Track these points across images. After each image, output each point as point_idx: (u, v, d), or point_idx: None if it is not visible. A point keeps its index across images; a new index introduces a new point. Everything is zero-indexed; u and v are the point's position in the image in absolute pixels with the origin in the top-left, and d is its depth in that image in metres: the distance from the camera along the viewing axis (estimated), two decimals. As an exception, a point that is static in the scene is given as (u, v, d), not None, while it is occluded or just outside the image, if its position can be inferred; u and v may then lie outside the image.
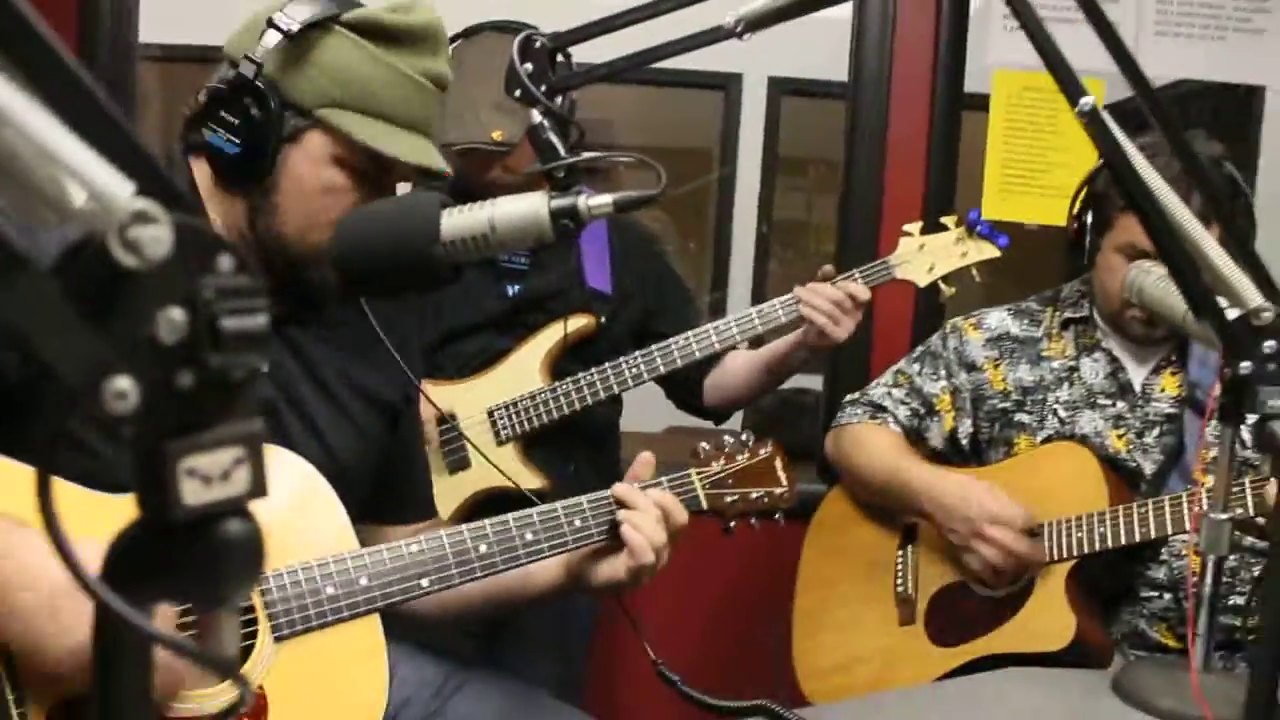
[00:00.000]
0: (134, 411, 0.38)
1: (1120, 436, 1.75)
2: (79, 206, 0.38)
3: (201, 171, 1.29)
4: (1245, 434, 1.15)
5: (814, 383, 2.96)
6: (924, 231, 2.02)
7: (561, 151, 1.15)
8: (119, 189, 0.37)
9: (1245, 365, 1.02)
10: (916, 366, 1.96)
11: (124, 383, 0.38)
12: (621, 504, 1.34)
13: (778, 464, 1.50)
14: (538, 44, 1.19)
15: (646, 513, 1.32)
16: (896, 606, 1.83)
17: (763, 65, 4.66)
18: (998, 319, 1.92)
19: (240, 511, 0.42)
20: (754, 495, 1.48)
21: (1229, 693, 1.23)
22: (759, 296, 4.61)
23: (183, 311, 0.39)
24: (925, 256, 2.00)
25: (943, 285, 2.00)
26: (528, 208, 1.11)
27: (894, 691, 1.64)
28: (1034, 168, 2.34)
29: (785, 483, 1.50)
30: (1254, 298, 1.01)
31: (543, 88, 1.17)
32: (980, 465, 1.88)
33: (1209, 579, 1.31)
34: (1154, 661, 1.56)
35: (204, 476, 0.40)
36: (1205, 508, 1.43)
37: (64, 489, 1.05)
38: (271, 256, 1.27)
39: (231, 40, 1.30)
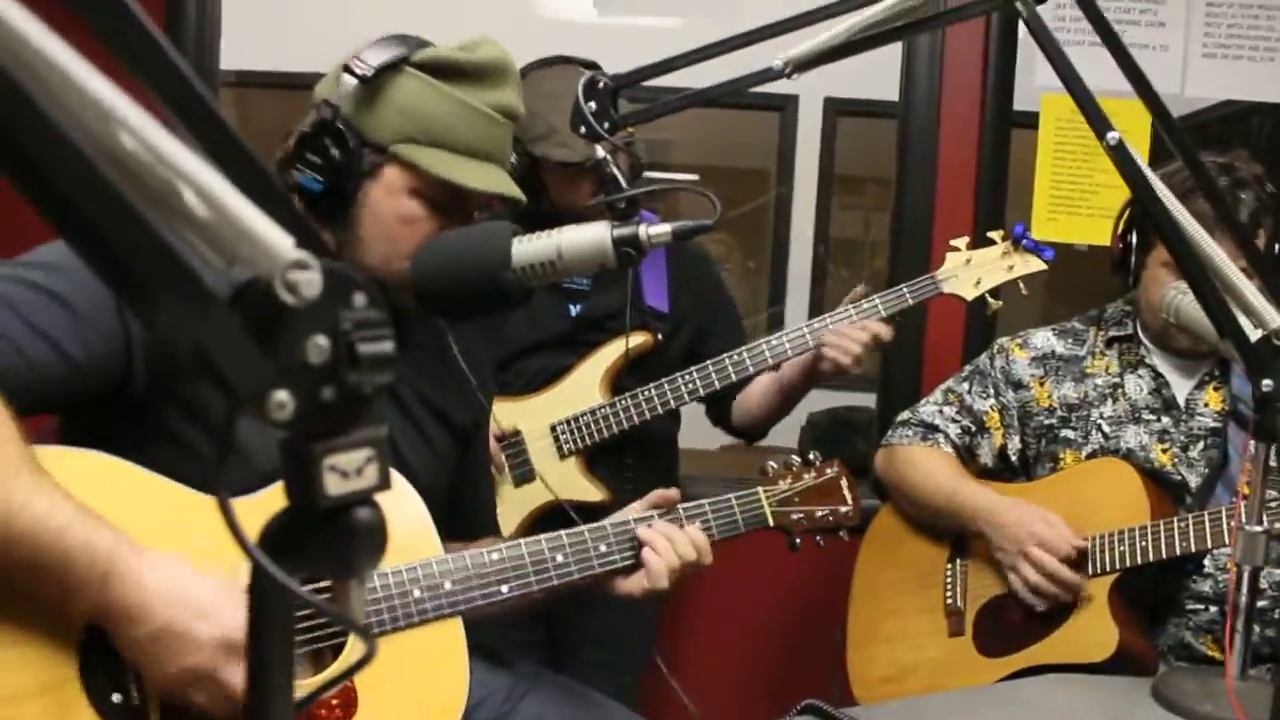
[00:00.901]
0: (290, 418, 0.48)
1: (1165, 451, 1.81)
2: (248, 254, 0.48)
3: None
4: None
5: (867, 400, 3.03)
6: (971, 246, 2.10)
7: (624, 184, 1.26)
8: (283, 242, 0.48)
9: (1267, 383, 1.09)
10: (966, 385, 2.03)
11: (283, 395, 0.48)
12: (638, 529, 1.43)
13: (843, 483, 1.57)
14: (600, 84, 1.29)
15: (658, 543, 1.41)
16: (946, 618, 1.90)
17: (818, 86, 4.74)
18: (1043, 339, 1.99)
19: (370, 501, 0.52)
20: (819, 513, 1.55)
21: (1265, 700, 1.30)
22: (816, 311, 4.69)
23: (327, 339, 0.49)
24: (972, 270, 2.07)
25: (989, 299, 2.07)
26: (593, 236, 1.22)
27: (939, 695, 1.71)
28: (1082, 189, 2.41)
29: (850, 501, 1.57)
30: (1275, 318, 1.08)
31: (605, 125, 1.28)
32: (1029, 480, 1.94)
33: (1245, 589, 1.37)
34: (1193, 670, 1.61)
35: (342, 472, 0.50)
36: (1242, 520, 1.49)
37: (171, 487, 1.17)
38: None
39: (318, 86, 1.42)
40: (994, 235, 2.09)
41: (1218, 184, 1.57)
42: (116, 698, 1.11)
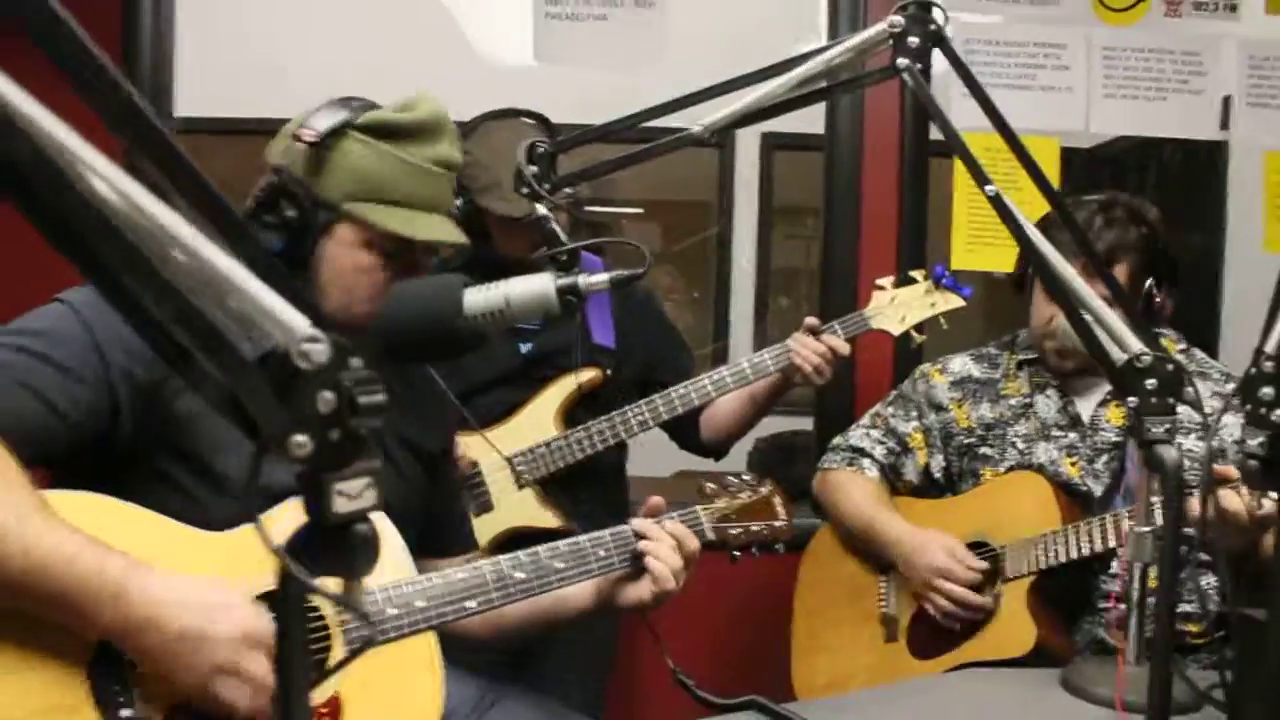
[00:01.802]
0: (308, 455, 0.64)
1: (1073, 464, 1.99)
2: (270, 329, 0.64)
3: None
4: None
5: (806, 424, 3.20)
6: (896, 285, 2.28)
7: (563, 238, 1.42)
8: (297, 320, 0.63)
9: (1132, 400, 1.26)
10: (891, 409, 2.21)
11: (302, 438, 0.63)
12: (641, 536, 1.58)
13: (776, 501, 1.74)
14: (540, 149, 1.46)
15: (663, 543, 1.57)
16: (882, 626, 2.08)
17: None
18: (960, 364, 2.17)
19: (367, 519, 0.67)
20: (755, 528, 1.71)
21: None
22: (760, 342, 4.87)
23: (332, 394, 0.65)
24: (897, 308, 2.25)
25: (914, 334, 2.26)
26: (538, 286, 1.38)
27: (870, 689, 1.88)
28: (997, 220, 2.60)
29: (784, 517, 1.73)
30: (1135, 344, 1.25)
31: (545, 185, 1.44)
32: (953, 495, 2.12)
33: (1136, 583, 1.55)
34: (1098, 659, 1.78)
35: (347, 495, 0.66)
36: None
37: (167, 523, 1.31)
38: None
39: (269, 149, 1.56)
40: (916, 274, 2.28)
41: (1085, 217, 1.78)
42: (126, 713, 1.24)
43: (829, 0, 2.68)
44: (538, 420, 2.35)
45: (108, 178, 0.58)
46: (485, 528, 2.25)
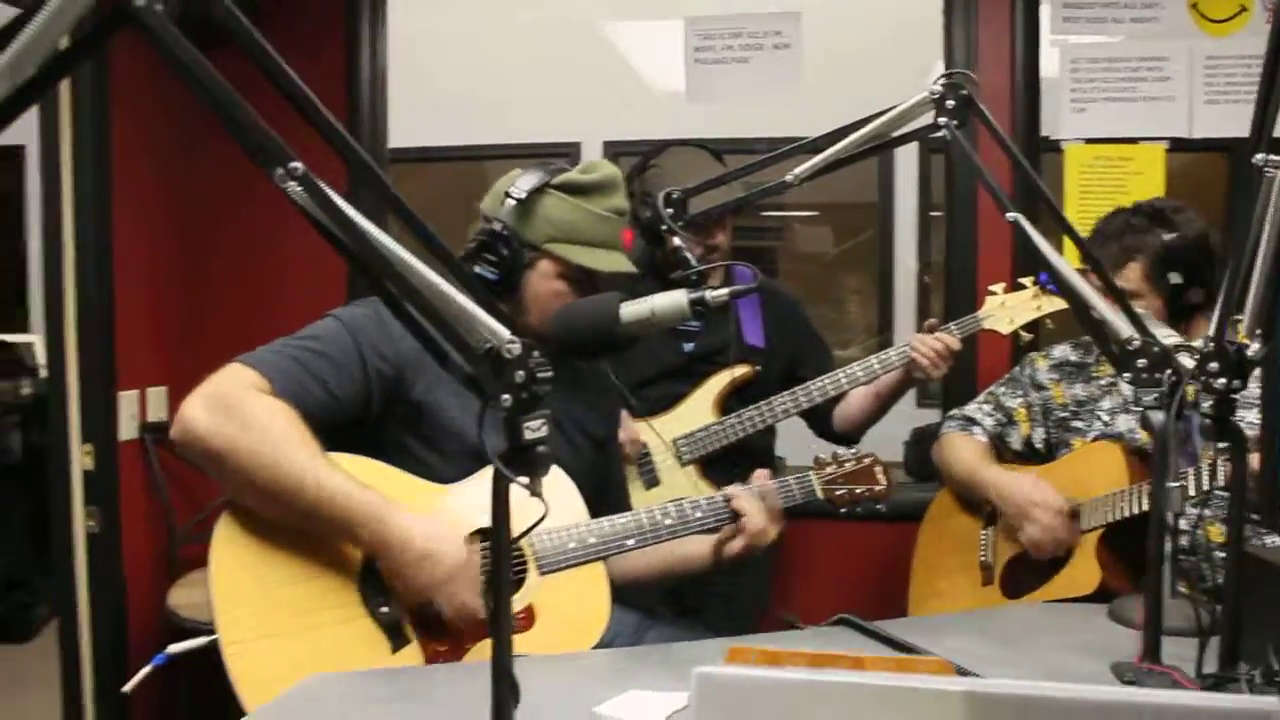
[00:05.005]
0: (510, 407, 1.17)
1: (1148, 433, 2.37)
2: (485, 335, 1.17)
3: None
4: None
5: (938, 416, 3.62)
6: (1006, 290, 2.71)
7: (693, 262, 1.94)
8: (502, 329, 1.16)
9: (1127, 376, 1.66)
10: (1002, 389, 2.64)
11: (507, 397, 1.17)
12: (731, 499, 2.09)
13: (877, 468, 2.22)
14: (675, 195, 1.98)
15: (750, 503, 2.08)
16: (981, 572, 2.51)
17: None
18: (1061, 350, 2.59)
19: (544, 443, 1.20)
20: (858, 490, 2.20)
21: (1182, 611, 1.84)
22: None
23: (523, 372, 1.17)
24: (1006, 311, 2.69)
25: (1022, 333, 2.68)
26: (675, 300, 1.89)
27: (948, 614, 2.33)
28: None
29: (882, 481, 2.22)
30: (1126, 329, 1.66)
31: (679, 223, 1.96)
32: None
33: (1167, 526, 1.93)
34: (1139, 595, 2.15)
35: (531, 429, 1.18)
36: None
37: (406, 477, 1.89)
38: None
39: (484, 203, 2.13)
40: (1025, 281, 2.71)
41: (1120, 224, 2.18)
42: (384, 610, 1.83)
43: (945, 41, 3.11)
44: (697, 409, 2.88)
45: (385, 242, 1.13)
46: (652, 500, 2.79)
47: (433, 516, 1.83)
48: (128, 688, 1.90)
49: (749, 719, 0.85)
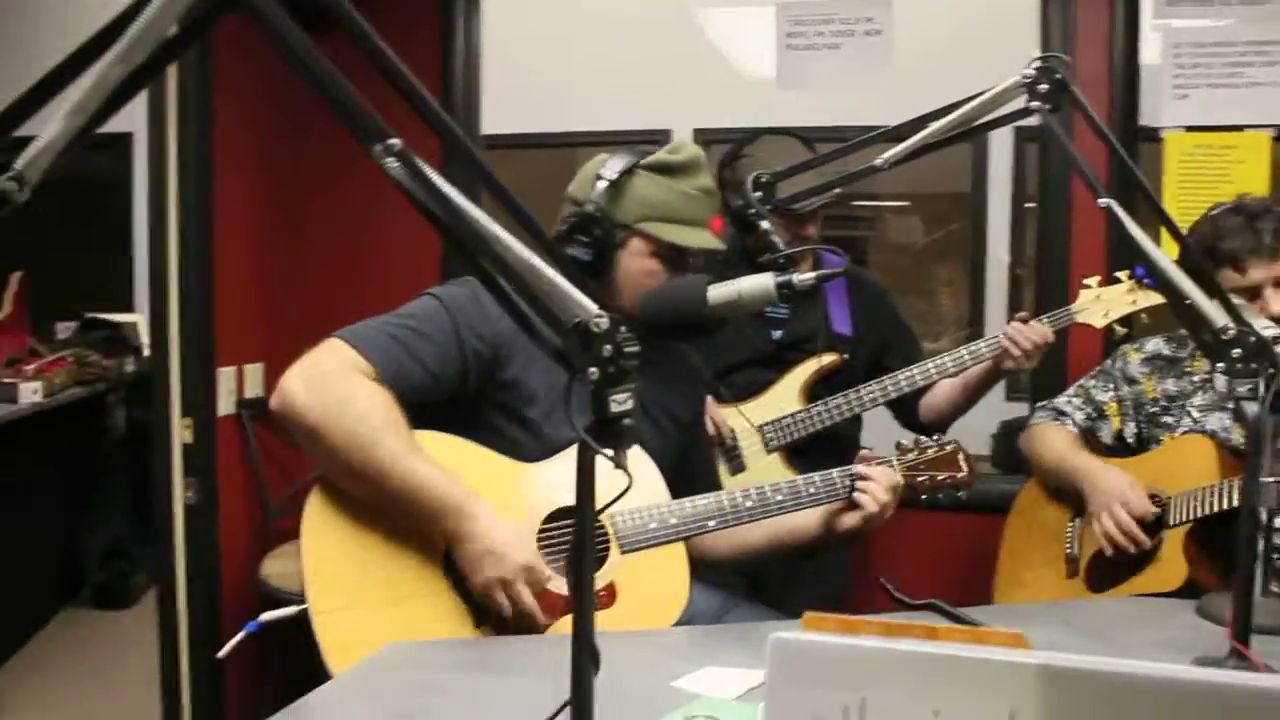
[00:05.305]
0: (597, 380, 1.19)
1: (1242, 431, 2.34)
2: (575, 310, 1.20)
3: None
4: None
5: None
6: (1101, 284, 2.67)
7: (781, 247, 1.95)
8: (590, 303, 1.19)
9: (1221, 365, 1.63)
10: (1092, 381, 2.61)
11: (594, 370, 1.19)
12: (860, 477, 2.08)
13: (960, 456, 2.21)
14: (764, 179, 1.99)
15: (875, 481, 2.08)
16: (1066, 564, 2.48)
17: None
18: (1154, 344, 2.55)
19: (627, 416, 1.22)
20: (940, 477, 2.19)
21: (1274, 610, 1.83)
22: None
23: (610, 346, 1.20)
24: (1101, 304, 2.65)
25: (1117, 327, 2.64)
26: (762, 283, 1.91)
27: (1034, 604, 2.31)
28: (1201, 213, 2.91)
29: (964, 468, 2.20)
30: (1221, 319, 1.64)
31: (768, 207, 1.98)
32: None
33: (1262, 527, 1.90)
34: (1227, 593, 2.12)
35: (617, 401, 1.21)
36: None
37: (493, 456, 1.93)
38: None
39: (572, 189, 2.16)
40: (1121, 274, 2.67)
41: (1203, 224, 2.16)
42: (467, 592, 1.87)
43: (1040, 25, 3.07)
44: (785, 396, 2.90)
45: (480, 217, 1.16)
46: (738, 485, 2.81)
47: (510, 521, 1.87)
48: (222, 653, 1.97)
49: (823, 686, 0.86)
